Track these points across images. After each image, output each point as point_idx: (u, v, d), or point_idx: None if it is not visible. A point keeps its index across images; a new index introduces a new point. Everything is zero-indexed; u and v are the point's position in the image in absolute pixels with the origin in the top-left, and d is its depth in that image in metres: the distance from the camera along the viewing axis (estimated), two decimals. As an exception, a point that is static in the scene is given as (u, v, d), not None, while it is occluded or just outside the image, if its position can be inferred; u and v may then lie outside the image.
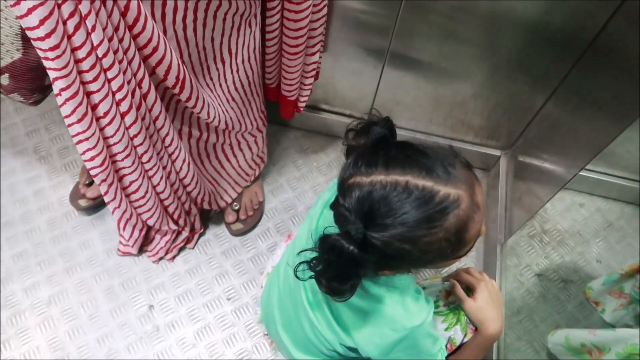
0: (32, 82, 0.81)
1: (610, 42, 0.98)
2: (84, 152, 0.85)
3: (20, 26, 0.72)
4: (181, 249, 1.28)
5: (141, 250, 1.26)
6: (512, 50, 1.09)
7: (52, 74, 0.72)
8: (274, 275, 1.00)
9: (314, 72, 1.12)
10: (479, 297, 0.86)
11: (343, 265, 0.62)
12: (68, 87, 0.73)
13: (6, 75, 0.78)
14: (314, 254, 0.66)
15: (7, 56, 0.75)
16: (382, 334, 0.76)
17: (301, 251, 0.72)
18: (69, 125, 0.80)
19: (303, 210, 1.38)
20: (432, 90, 1.24)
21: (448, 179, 0.63)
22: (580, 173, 0.99)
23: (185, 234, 1.24)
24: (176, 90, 0.86)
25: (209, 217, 1.34)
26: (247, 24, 0.90)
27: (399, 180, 0.62)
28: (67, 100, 0.75)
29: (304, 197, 1.41)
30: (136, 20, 0.71)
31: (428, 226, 0.62)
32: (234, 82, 0.98)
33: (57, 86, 0.74)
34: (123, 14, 0.70)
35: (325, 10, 0.99)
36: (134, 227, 1.16)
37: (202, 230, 1.30)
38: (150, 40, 0.75)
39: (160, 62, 0.79)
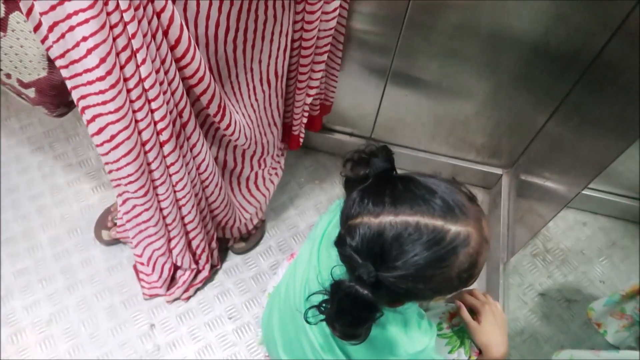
0: (55, 97, 0.87)
1: (611, 60, 0.98)
2: (128, 183, 0.87)
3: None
4: (198, 289, 1.26)
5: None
6: (513, 69, 1.09)
7: (106, 119, 0.74)
8: (275, 295, 0.99)
9: (308, 112, 1.16)
10: (484, 321, 0.86)
11: (359, 310, 0.62)
12: (125, 128, 0.76)
13: (32, 89, 0.86)
14: (323, 296, 0.65)
15: (34, 73, 0.83)
16: (383, 358, 0.75)
17: (310, 295, 0.71)
18: (117, 159, 0.81)
19: (305, 228, 1.38)
20: (434, 109, 1.24)
21: (457, 217, 0.62)
22: (583, 192, 0.99)
23: (204, 273, 1.22)
24: (217, 118, 0.88)
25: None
26: (279, 35, 0.91)
27: (408, 221, 0.61)
28: (124, 141, 0.78)
29: (306, 215, 1.40)
30: (186, 52, 0.74)
31: (440, 265, 0.62)
32: (262, 93, 1.00)
33: (111, 130, 0.76)
34: (172, 47, 0.73)
35: (325, 56, 1.02)
36: (163, 265, 1.15)
37: (219, 266, 1.28)
38: (197, 70, 0.78)
39: (204, 91, 0.82)
